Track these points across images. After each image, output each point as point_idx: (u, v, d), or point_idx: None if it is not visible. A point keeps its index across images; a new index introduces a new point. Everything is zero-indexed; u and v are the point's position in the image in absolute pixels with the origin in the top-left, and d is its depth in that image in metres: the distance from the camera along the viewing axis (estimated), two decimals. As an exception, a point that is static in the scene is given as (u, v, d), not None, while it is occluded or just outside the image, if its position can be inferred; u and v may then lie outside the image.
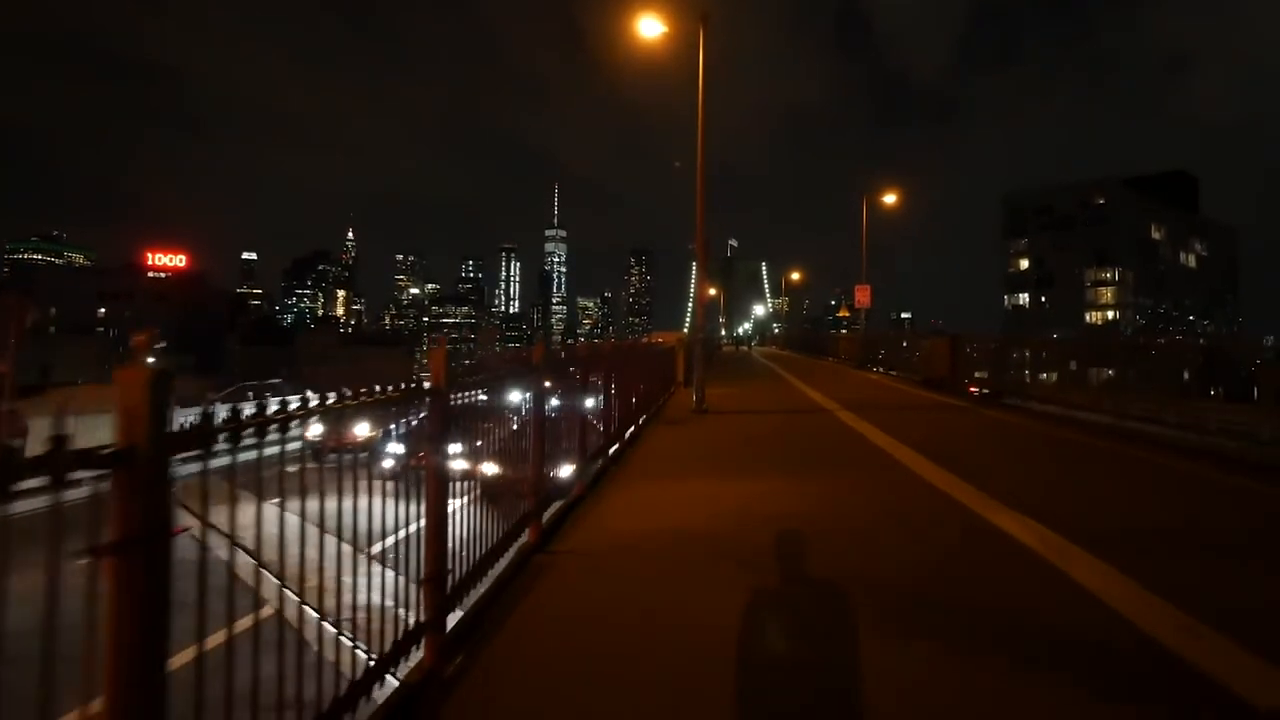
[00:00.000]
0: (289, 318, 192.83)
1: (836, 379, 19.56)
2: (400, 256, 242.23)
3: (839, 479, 6.17)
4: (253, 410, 1.66)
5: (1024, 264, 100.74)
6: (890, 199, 25.19)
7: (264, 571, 2.30)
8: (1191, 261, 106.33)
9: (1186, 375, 9.05)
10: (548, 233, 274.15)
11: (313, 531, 2.00)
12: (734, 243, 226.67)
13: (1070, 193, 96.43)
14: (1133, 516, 5.02)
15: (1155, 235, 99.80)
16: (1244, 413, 8.01)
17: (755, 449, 8.00)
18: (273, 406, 1.82)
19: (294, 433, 1.85)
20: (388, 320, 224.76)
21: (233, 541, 1.86)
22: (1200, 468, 6.64)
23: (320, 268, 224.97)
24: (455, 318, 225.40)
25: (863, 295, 25.11)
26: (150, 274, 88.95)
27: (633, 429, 8.80)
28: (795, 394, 14.86)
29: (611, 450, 7.07)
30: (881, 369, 22.36)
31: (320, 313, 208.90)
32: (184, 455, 1.47)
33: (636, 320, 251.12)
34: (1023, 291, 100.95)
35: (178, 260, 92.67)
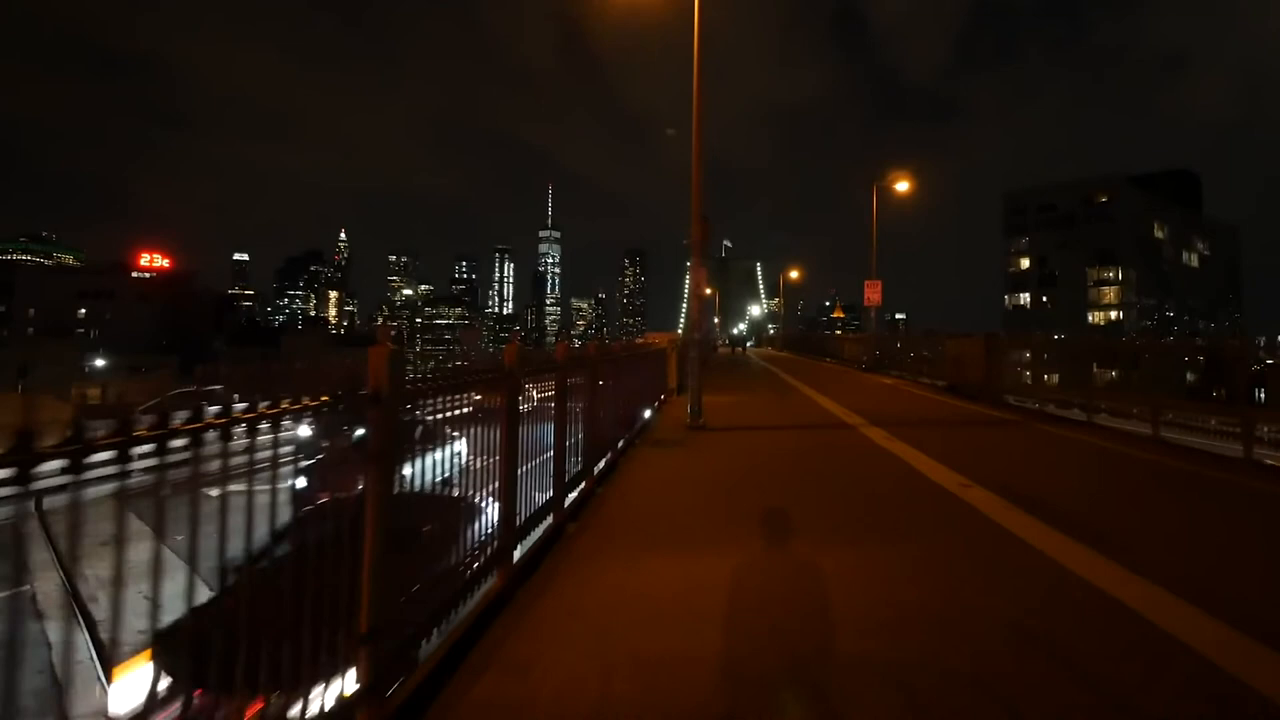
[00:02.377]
0: (281, 318, 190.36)
1: (848, 384, 17.49)
2: (393, 257, 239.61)
3: (910, 549, 4.07)
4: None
5: (1025, 263, 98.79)
6: (902, 186, 23.12)
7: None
8: (1194, 261, 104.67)
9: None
10: (542, 233, 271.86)
11: None
12: (729, 243, 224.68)
13: (1072, 191, 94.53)
14: None
15: (1158, 234, 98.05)
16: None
17: (772, 489, 5.90)
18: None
19: None
20: (380, 321, 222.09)
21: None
22: None
23: (312, 268, 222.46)
24: (449, 319, 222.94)
25: (873, 292, 23.00)
26: (135, 274, 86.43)
27: (607, 459, 6.71)
28: (806, 404, 12.78)
29: (570, 500, 4.98)
30: (894, 373, 20.36)
31: (313, 313, 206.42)
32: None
33: (631, 321, 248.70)
34: (1024, 291, 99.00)
35: (161, 260, 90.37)
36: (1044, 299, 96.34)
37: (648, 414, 11.22)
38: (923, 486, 5.76)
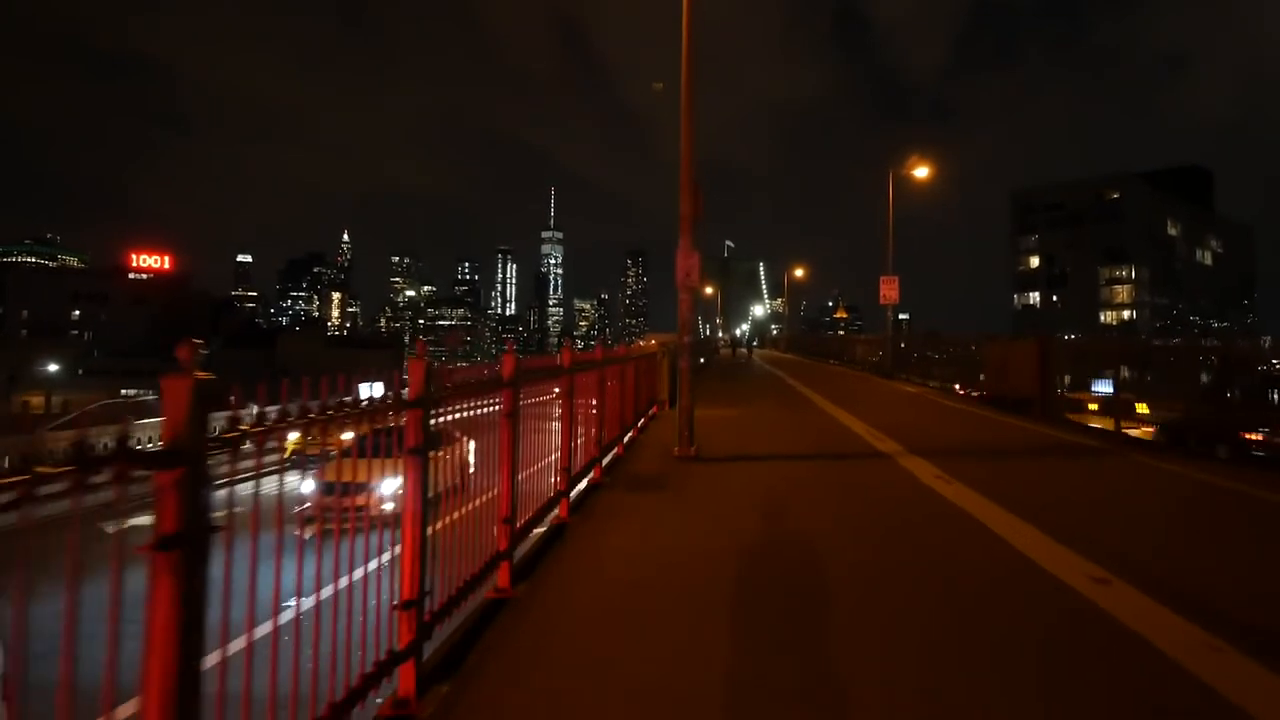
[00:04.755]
0: (284, 320, 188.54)
1: (866, 393, 15.39)
2: (396, 258, 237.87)
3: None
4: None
5: (1034, 262, 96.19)
6: (921, 172, 20.95)
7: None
8: (1208, 259, 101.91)
9: None
10: (544, 234, 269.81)
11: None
12: (730, 243, 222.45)
13: (1080, 189, 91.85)
14: None
15: (1170, 231, 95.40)
16: None
17: (795, 593, 3.79)
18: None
19: None
20: (383, 322, 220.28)
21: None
22: None
23: (315, 270, 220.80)
24: (451, 320, 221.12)
25: (889, 289, 20.81)
26: (131, 275, 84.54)
27: (551, 518, 4.63)
28: (823, 420, 10.67)
29: (445, 631, 2.88)
30: (915, 379, 18.26)
31: (316, 315, 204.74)
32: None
33: (633, 322, 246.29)
34: (1033, 290, 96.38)
35: (159, 262, 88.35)
36: (1054, 298, 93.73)
37: (632, 434, 9.17)
38: (1033, 585, 3.63)
